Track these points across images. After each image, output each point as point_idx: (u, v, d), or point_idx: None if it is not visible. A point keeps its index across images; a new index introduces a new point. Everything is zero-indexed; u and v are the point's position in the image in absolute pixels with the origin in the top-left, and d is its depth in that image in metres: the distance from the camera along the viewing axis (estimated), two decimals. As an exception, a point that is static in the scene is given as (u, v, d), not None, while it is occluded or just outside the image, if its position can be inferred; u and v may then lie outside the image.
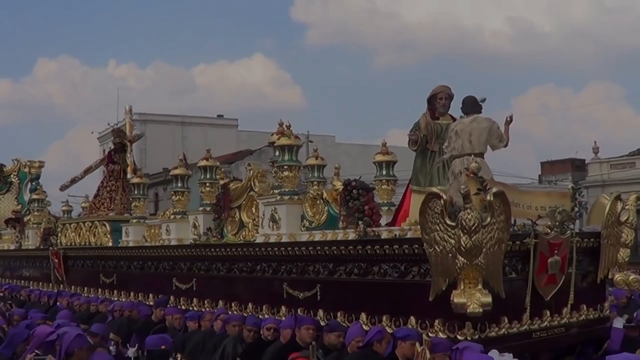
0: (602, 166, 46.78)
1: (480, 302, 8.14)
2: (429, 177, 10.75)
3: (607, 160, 47.05)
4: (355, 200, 10.38)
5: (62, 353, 7.85)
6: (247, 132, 68.62)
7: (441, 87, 10.96)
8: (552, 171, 52.59)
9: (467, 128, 9.68)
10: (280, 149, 11.80)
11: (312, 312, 10.54)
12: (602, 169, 46.57)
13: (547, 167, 54.49)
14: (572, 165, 52.96)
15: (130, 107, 19.76)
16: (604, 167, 46.73)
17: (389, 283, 9.55)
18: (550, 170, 53.30)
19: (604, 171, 46.05)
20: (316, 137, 17.17)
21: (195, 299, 13.35)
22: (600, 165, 46.90)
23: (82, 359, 7.83)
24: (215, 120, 70.73)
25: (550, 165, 54.10)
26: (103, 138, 71.60)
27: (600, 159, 47.19)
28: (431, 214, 8.33)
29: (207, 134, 63.86)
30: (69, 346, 7.85)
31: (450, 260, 8.26)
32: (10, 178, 28.10)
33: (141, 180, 17.21)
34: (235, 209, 13.26)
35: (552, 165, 54.07)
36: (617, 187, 37.58)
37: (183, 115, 69.06)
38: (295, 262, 11.01)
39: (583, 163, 51.60)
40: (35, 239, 22.08)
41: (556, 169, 52.62)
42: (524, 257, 9.10)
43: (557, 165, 53.24)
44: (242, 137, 67.42)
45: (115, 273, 16.75)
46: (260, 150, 53.41)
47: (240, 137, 67.62)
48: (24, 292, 19.94)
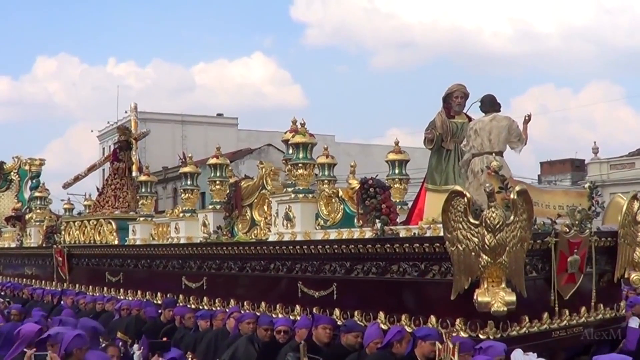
0: (602, 166, 47.05)
1: (505, 300, 8.10)
2: (445, 175, 10.72)
3: (606, 160, 47.31)
4: (372, 199, 10.31)
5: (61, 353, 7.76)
6: (247, 130, 68.78)
7: (457, 86, 10.91)
8: (552, 171, 52.77)
9: (486, 126, 9.64)
10: (295, 147, 11.76)
11: (328, 312, 10.46)
12: (601, 169, 46.83)
13: (547, 167, 54.66)
14: (571, 165, 53.27)
15: (136, 105, 19.72)
16: (604, 167, 46.98)
17: (408, 282, 9.50)
18: (549, 170, 53.47)
19: (604, 171, 46.27)
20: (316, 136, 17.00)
21: (205, 298, 13.25)
22: (600, 165, 47.14)
23: (80, 358, 7.76)
24: (215, 119, 70.81)
25: (550, 166, 54.28)
26: (103, 136, 71.66)
27: (599, 159, 47.46)
28: (454, 212, 8.29)
29: (207, 133, 63.98)
30: (68, 346, 7.78)
31: (473, 259, 8.21)
32: (10, 176, 28.02)
33: (148, 177, 17.15)
34: (246, 207, 13.18)
35: (551, 165, 54.26)
36: (616, 187, 37.69)
37: (183, 114, 69.15)
38: (311, 261, 10.93)
39: (582, 163, 52.04)
40: (37, 237, 22.00)
41: (556, 169, 52.82)
42: (544, 256, 9.06)
43: (557, 166, 53.45)
44: (242, 136, 67.56)
45: (121, 271, 16.65)
46: (260, 149, 53.44)
47: (240, 136, 67.73)
48: (26, 291, 19.76)
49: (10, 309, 14.06)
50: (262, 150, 53.27)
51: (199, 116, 70.23)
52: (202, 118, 69.92)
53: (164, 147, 60.10)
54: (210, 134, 63.08)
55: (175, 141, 63.88)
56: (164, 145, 60.25)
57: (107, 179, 19.77)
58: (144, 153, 56.16)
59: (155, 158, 55.55)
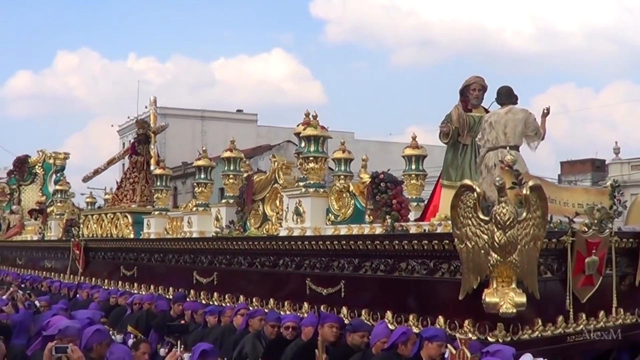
0: (623, 167, 46.89)
1: (514, 302, 7.70)
2: (461, 171, 10.36)
3: (627, 160, 47.29)
4: (383, 194, 9.99)
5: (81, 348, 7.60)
6: (267, 127, 68.69)
7: (474, 78, 10.55)
8: (572, 171, 52.33)
9: (501, 119, 9.23)
10: (306, 140, 11.46)
11: (336, 309, 10.13)
12: (622, 169, 46.64)
13: (567, 167, 54.26)
14: (592, 165, 52.98)
15: (155, 98, 19.49)
16: (625, 167, 46.95)
17: (416, 280, 9.13)
18: (570, 170, 53.04)
19: (625, 172, 45.96)
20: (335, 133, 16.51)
21: (216, 294, 12.96)
22: (621, 165, 47.10)
23: (101, 353, 7.65)
24: (235, 115, 70.80)
25: (570, 166, 53.87)
26: (123, 131, 71.96)
27: (620, 160, 47.39)
28: (463, 208, 7.90)
29: (227, 129, 63.64)
30: (87, 341, 7.71)
31: (482, 257, 7.81)
32: (35, 169, 28.09)
33: (164, 171, 16.97)
34: (258, 201, 12.94)
35: (571, 165, 53.85)
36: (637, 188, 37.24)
37: (203, 110, 69.15)
38: (319, 257, 10.59)
39: (603, 163, 51.93)
40: (57, 230, 21.96)
41: (576, 169, 52.41)
42: (560, 256, 8.63)
43: (577, 166, 53.06)
44: (261, 132, 67.54)
45: (135, 265, 16.43)
46: (279, 146, 53.41)
47: (259, 132, 67.66)
48: (45, 283, 19.78)
49: (40, 300, 13.97)
50: (281, 146, 53.13)
51: (218, 112, 70.24)
52: (222, 114, 69.89)
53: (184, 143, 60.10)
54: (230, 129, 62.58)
55: (195, 137, 63.88)
56: (184, 141, 60.26)
57: (126, 172, 19.67)
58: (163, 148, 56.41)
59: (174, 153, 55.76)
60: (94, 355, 7.69)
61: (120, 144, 72.55)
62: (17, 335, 9.69)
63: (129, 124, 70.06)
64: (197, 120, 67.59)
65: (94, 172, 22.34)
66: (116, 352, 7.62)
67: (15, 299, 13.32)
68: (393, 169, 10.97)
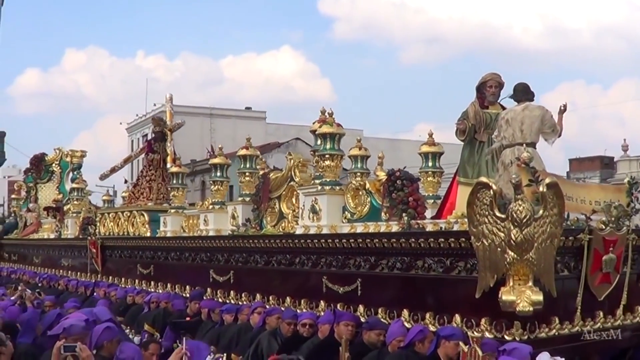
0: (632, 164, 46.79)
1: (531, 300, 7.65)
2: (477, 168, 10.29)
3: (636, 158, 47.11)
4: (399, 191, 9.97)
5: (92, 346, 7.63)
6: (275, 124, 68.58)
7: (491, 75, 10.47)
8: (581, 168, 51.92)
9: (518, 116, 9.18)
10: (322, 137, 11.43)
11: (352, 308, 10.11)
12: (631, 166, 46.50)
13: (576, 164, 53.84)
14: (600, 162, 52.58)
15: (171, 96, 19.47)
16: (633, 164, 46.81)
17: (433, 278, 9.10)
18: (578, 167, 52.63)
19: (634, 169, 45.70)
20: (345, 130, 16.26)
21: (232, 292, 12.95)
22: (630, 163, 46.92)
23: (111, 351, 7.64)
24: (244, 113, 70.75)
25: (579, 163, 53.52)
26: (131, 129, 71.99)
27: (629, 157, 47.25)
28: (480, 206, 7.85)
29: (235, 126, 63.80)
30: (98, 339, 7.71)
31: (499, 255, 7.76)
32: (51, 167, 28.07)
33: (180, 169, 16.95)
34: (274, 199, 12.92)
35: (580, 162, 53.49)
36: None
37: (211, 107, 69.06)
38: (336, 255, 10.58)
39: (612, 161, 51.66)
40: (74, 228, 22.01)
41: (584, 166, 52.02)
42: (577, 253, 8.59)
43: (586, 163, 52.68)
44: (270, 129, 67.40)
45: (152, 264, 16.46)
46: (288, 143, 53.35)
47: (268, 130, 67.53)
48: (62, 282, 19.73)
49: (44, 300, 13.91)
50: (290, 144, 53.00)
51: (227, 109, 70.17)
52: (231, 111, 69.84)
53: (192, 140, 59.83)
54: (239, 127, 62.81)
55: (204, 134, 63.78)
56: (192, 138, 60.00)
57: (142, 170, 19.67)
58: (172, 146, 56.55)
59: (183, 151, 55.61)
60: (105, 353, 7.69)
61: (129, 141, 72.75)
62: (22, 334, 9.68)
63: (137, 121, 70.27)
64: (206, 117, 67.50)
65: (110, 170, 22.32)
66: (126, 350, 7.60)
67: (23, 298, 13.30)
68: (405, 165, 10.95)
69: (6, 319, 10.57)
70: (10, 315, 10.95)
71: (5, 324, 10.24)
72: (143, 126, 68.59)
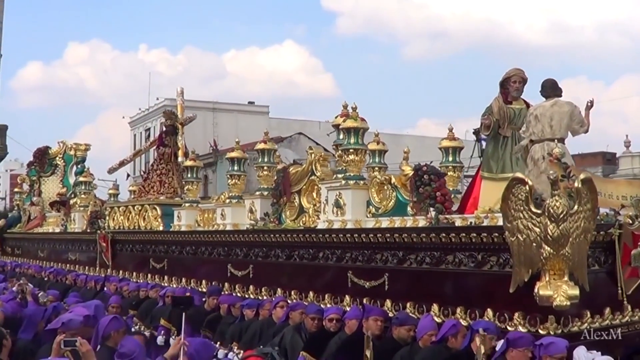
0: (634, 160, 47.15)
1: (567, 294, 7.68)
2: (502, 163, 10.36)
3: (638, 154, 47.40)
4: (427, 186, 9.98)
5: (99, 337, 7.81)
6: (278, 119, 68.42)
7: (515, 70, 10.53)
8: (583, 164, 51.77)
9: (547, 112, 9.24)
10: (346, 132, 11.41)
11: (379, 302, 10.11)
12: (633, 162, 46.87)
13: (578, 160, 53.52)
14: (603, 158, 52.70)
15: (182, 89, 19.41)
16: (635, 160, 47.15)
17: (464, 273, 9.11)
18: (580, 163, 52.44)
19: (635, 165, 46.09)
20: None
21: (251, 286, 12.94)
22: (632, 159, 47.28)
23: (118, 341, 7.74)
24: (246, 107, 70.36)
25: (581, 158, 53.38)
26: (134, 123, 71.73)
27: (631, 153, 47.52)
28: (514, 201, 7.87)
29: (238, 121, 63.58)
30: (105, 329, 7.82)
31: (534, 250, 7.79)
32: (55, 160, 27.96)
33: (194, 163, 16.92)
34: (294, 193, 12.90)
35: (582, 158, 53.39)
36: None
37: (214, 102, 68.80)
38: (362, 250, 10.57)
39: (614, 156, 51.86)
40: (81, 222, 21.93)
41: (587, 162, 51.99)
42: (607, 248, 8.67)
43: (588, 159, 52.65)
44: (272, 124, 67.07)
45: (166, 258, 16.40)
46: (291, 138, 53.25)
47: (271, 124, 67.30)
48: (69, 277, 19.61)
49: (48, 294, 13.84)
50: (293, 138, 53.04)
51: (230, 104, 69.71)
52: (234, 106, 69.37)
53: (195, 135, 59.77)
54: (241, 122, 62.71)
55: (207, 129, 63.46)
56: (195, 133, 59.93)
57: (153, 164, 19.67)
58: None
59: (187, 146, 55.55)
60: (111, 343, 7.77)
61: (132, 135, 72.51)
62: (24, 330, 9.69)
63: (140, 115, 70.01)
64: (209, 112, 67.14)
65: (119, 163, 22.33)
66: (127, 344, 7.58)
67: (24, 292, 13.28)
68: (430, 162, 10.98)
69: (7, 313, 10.55)
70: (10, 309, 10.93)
71: (7, 318, 10.23)
72: (146, 120, 68.45)
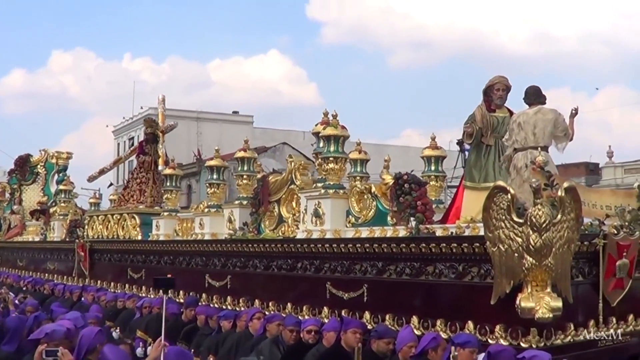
0: (616, 170, 47.58)
1: (550, 306, 7.45)
2: (484, 172, 10.18)
3: (621, 164, 47.81)
4: (407, 195, 9.75)
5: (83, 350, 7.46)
6: (262, 129, 68.53)
7: (498, 78, 10.38)
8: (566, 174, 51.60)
9: (531, 119, 9.05)
10: (326, 140, 11.22)
11: (358, 314, 9.87)
12: (616, 173, 47.32)
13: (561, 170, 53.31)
14: (586, 169, 53.02)
15: (164, 97, 19.26)
16: (618, 171, 47.63)
17: (444, 284, 8.87)
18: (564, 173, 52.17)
19: (618, 175, 46.52)
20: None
21: (229, 297, 12.71)
22: (615, 169, 47.76)
23: None
24: (231, 117, 70.71)
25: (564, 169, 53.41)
26: (118, 132, 71.83)
27: (614, 163, 48.05)
28: (496, 210, 7.64)
29: (222, 130, 63.82)
30: (90, 343, 7.48)
31: (516, 261, 7.55)
32: (36, 169, 27.79)
33: (174, 171, 16.67)
34: (274, 203, 12.68)
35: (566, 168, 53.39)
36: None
37: (198, 111, 68.88)
38: (340, 260, 10.33)
39: (597, 167, 52.24)
40: (61, 231, 21.69)
41: (570, 172, 52.02)
42: (591, 259, 8.41)
43: (571, 169, 52.74)
44: (256, 133, 67.19)
45: (144, 268, 16.12)
46: (275, 148, 53.34)
47: (255, 134, 67.38)
48: (47, 286, 19.34)
49: (27, 304, 13.55)
50: (277, 148, 53.14)
51: (214, 113, 70.09)
52: (218, 115, 69.75)
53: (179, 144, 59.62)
54: (226, 131, 62.89)
55: (191, 138, 63.56)
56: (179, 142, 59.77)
57: (133, 172, 19.44)
58: (158, 149, 56.31)
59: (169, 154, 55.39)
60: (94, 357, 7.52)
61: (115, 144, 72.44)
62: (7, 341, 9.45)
63: (124, 124, 70.04)
64: (193, 121, 67.22)
65: (99, 171, 22.06)
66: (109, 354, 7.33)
67: (6, 302, 12.97)
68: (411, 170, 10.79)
69: None
70: (-8, 320, 10.69)
71: None
72: (130, 129, 68.44)
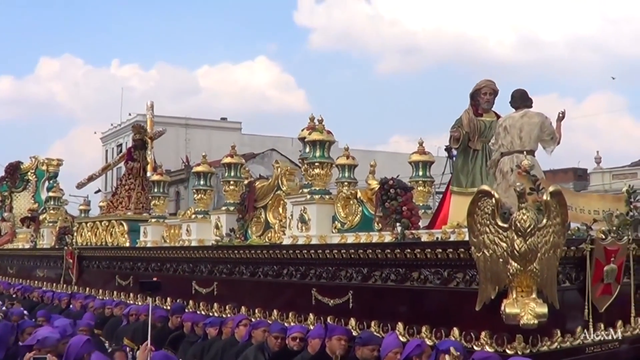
0: (604, 176, 48.07)
1: (535, 312, 7.33)
2: (471, 177, 10.09)
3: (609, 170, 48.39)
4: (393, 201, 9.64)
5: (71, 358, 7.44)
6: (250, 135, 68.60)
7: (485, 82, 10.29)
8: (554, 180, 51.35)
9: (517, 123, 8.95)
10: (312, 145, 11.10)
11: (343, 321, 9.76)
12: (604, 178, 47.76)
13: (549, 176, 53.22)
14: (574, 174, 53.29)
15: (152, 103, 19.20)
16: (606, 177, 48.04)
17: (429, 290, 8.74)
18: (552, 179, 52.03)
19: (606, 181, 46.85)
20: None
21: (216, 304, 12.61)
22: (603, 175, 48.16)
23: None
24: (219, 123, 71.14)
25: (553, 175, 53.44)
26: (106, 138, 71.96)
27: (602, 169, 48.57)
28: (481, 215, 7.53)
29: (211, 137, 64.08)
30: (78, 352, 7.48)
31: (501, 266, 7.44)
32: (27, 176, 27.65)
33: (162, 177, 16.54)
34: (260, 208, 12.56)
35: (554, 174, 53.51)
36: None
37: (186, 118, 68.98)
38: (326, 266, 10.22)
39: (585, 173, 52.53)
40: (50, 238, 21.53)
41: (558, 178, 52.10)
42: (579, 264, 8.28)
43: (559, 175, 52.81)
44: (245, 140, 67.28)
45: (131, 275, 16.03)
46: (264, 154, 53.44)
47: (243, 140, 67.46)
48: (36, 293, 19.29)
49: (13, 313, 13.42)
50: (265, 154, 53.25)
51: (202, 120, 70.48)
52: (206, 122, 70.00)
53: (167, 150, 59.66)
54: (214, 137, 63.14)
55: (179, 144, 63.77)
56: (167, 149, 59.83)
57: (121, 178, 19.34)
58: (146, 156, 56.34)
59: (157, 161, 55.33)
60: None
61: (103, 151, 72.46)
62: None
63: (112, 131, 70.15)
64: (181, 128, 67.40)
65: (88, 178, 22.00)
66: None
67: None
68: (397, 175, 10.68)
69: None
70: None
71: None
72: (118, 136, 68.48)
